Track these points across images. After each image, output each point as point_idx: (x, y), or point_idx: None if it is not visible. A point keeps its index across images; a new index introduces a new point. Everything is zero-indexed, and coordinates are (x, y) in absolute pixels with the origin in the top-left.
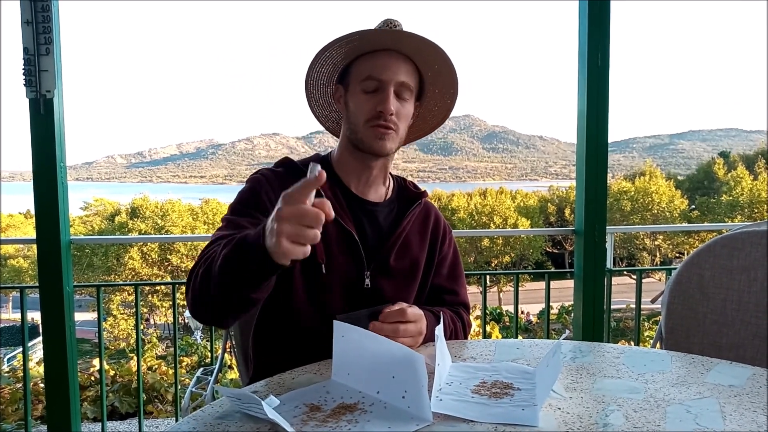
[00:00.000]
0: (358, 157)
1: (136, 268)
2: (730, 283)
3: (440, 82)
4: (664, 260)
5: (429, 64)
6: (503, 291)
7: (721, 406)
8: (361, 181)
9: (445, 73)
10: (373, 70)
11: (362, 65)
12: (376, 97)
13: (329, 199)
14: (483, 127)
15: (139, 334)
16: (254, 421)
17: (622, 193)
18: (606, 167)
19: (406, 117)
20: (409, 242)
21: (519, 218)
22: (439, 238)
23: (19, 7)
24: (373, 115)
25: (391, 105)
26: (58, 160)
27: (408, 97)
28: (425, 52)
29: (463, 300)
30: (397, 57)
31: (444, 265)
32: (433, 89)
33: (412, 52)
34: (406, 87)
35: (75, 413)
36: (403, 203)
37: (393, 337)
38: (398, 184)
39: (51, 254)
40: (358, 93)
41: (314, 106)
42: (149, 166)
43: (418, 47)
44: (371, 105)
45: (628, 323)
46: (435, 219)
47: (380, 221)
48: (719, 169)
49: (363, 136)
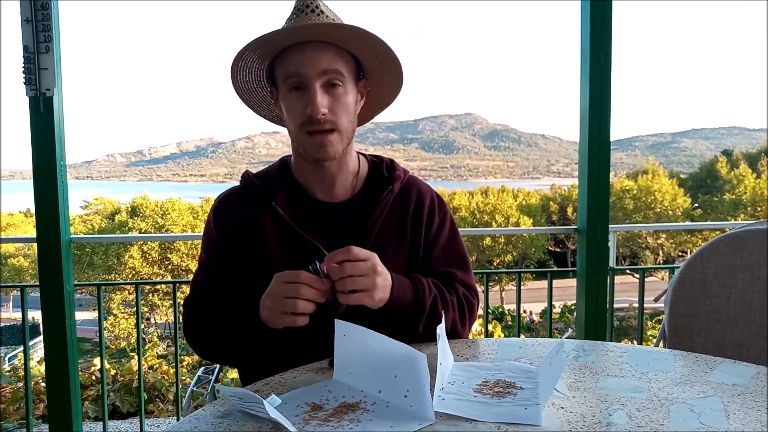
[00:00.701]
0: (309, 161)
1: (136, 267)
2: (733, 282)
3: (376, 54)
4: (666, 259)
5: (348, 43)
6: (505, 290)
7: (725, 405)
8: (322, 183)
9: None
10: (290, 66)
11: (281, 63)
12: (304, 98)
13: (289, 212)
14: (485, 125)
15: (140, 333)
16: (256, 420)
17: (625, 191)
18: (608, 165)
19: (347, 106)
20: (384, 238)
21: (521, 217)
22: (423, 221)
23: (19, 6)
24: (305, 120)
25: (319, 105)
26: (58, 158)
27: (342, 82)
28: (335, 36)
29: (463, 280)
30: (315, 45)
31: (436, 247)
32: (372, 63)
33: (323, 38)
34: (334, 72)
35: (76, 412)
36: (373, 194)
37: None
38: (372, 170)
39: (51, 253)
40: (286, 93)
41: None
42: (149, 164)
43: (325, 32)
44: (300, 108)
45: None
46: (417, 201)
47: (348, 222)
48: (722, 168)
49: (302, 144)
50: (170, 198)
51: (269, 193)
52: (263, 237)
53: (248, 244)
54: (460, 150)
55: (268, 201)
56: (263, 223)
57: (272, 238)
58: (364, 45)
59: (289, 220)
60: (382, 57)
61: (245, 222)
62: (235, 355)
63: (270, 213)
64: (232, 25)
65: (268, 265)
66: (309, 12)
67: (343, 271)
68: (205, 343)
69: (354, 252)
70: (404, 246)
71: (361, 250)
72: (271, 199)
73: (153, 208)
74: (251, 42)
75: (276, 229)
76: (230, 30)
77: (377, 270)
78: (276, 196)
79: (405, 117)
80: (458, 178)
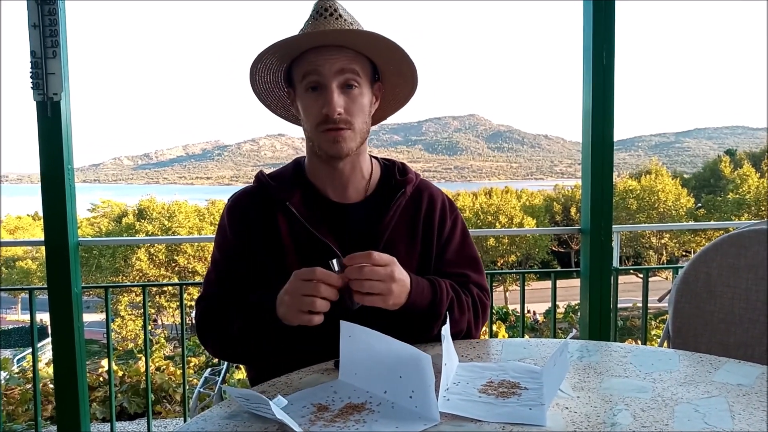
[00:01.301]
0: (324, 160)
1: (143, 269)
2: (737, 282)
3: (391, 62)
4: (670, 259)
5: (365, 47)
6: (509, 290)
7: (730, 405)
8: (335, 184)
9: (389, 49)
10: (309, 64)
11: (299, 64)
12: (321, 98)
13: (303, 212)
14: (488, 126)
15: (147, 335)
16: (262, 421)
17: (628, 191)
18: (612, 165)
19: (361, 107)
20: (396, 240)
21: (524, 217)
22: (434, 224)
23: (27, 11)
24: (321, 119)
25: (335, 105)
26: (66, 162)
27: (358, 83)
28: (353, 40)
29: (477, 281)
30: (333, 47)
31: (449, 250)
32: (387, 66)
33: (341, 43)
34: (350, 72)
35: (84, 413)
36: (386, 196)
37: (359, 280)
38: (385, 173)
39: (59, 256)
40: (303, 93)
41: (278, 111)
42: (156, 167)
43: (344, 37)
44: (317, 108)
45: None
46: (428, 204)
47: (361, 223)
48: (725, 167)
49: (318, 142)
50: (177, 200)
51: (283, 193)
52: (278, 236)
53: (262, 243)
54: (463, 151)
55: (282, 201)
56: (277, 222)
57: (286, 238)
58: (381, 49)
59: (302, 220)
60: (397, 61)
61: (259, 221)
62: (246, 354)
63: (284, 213)
64: (238, 29)
65: (282, 264)
66: (327, 16)
67: (362, 274)
68: (216, 341)
69: (374, 257)
70: (416, 248)
71: (382, 256)
72: (286, 199)
73: (160, 211)
74: (272, 45)
75: (290, 228)
76: (236, 34)
77: (395, 276)
78: (290, 196)
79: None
80: (462, 179)
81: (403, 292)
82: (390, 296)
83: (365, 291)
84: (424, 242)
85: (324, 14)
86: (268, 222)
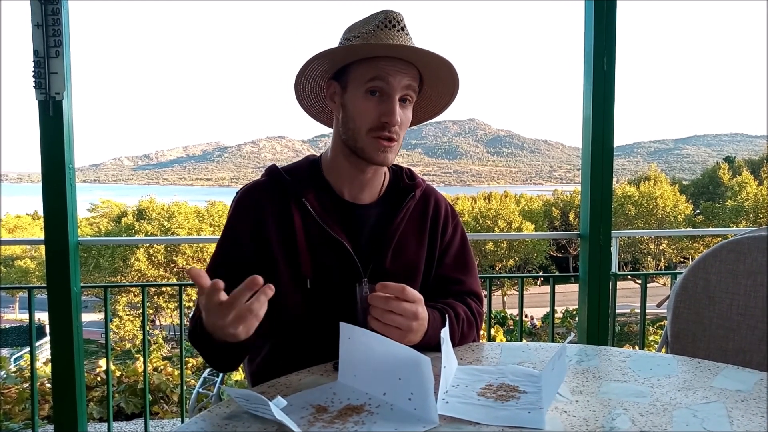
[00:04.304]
0: (353, 162)
1: (142, 270)
2: (736, 288)
3: (439, 85)
4: (668, 265)
5: (433, 71)
6: (507, 295)
7: (728, 411)
8: (355, 185)
9: (446, 81)
10: (379, 70)
11: (365, 65)
12: (382, 105)
13: (318, 210)
14: (487, 131)
15: (145, 335)
16: (261, 421)
17: (627, 197)
18: (611, 171)
19: (407, 122)
20: (406, 241)
21: (523, 222)
22: (439, 228)
23: (30, 10)
24: (377, 126)
25: (397, 116)
26: (67, 162)
27: (412, 99)
28: (426, 63)
29: (471, 288)
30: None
31: (448, 254)
32: (430, 91)
33: (415, 61)
34: (410, 89)
35: (81, 413)
36: (396, 199)
37: (384, 311)
38: (393, 177)
39: (59, 255)
40: (361, 95)
41: (301, 97)
42: (156, 168)
43: (426, 60)
44: (376, 114)
45: (632, 327)
46: (434, 208)
47: (373, 224)
48: (724, 174)
49: (364, 146)
50: (176, 201)
51: (299, 188)
52: (291, 229)
53: (275, 235)
54: (463, 156)
55: (297, 196)
56: (292, 216)
57: (300, 232)
58: (443, 77)
59: (316, 217)
60: (446, 90)
61: (273, 213)
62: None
63: (298, 207)
64: (238, 31)
65: (294, 259)
66: (399, 29)
67: (388, 305)
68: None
69: (407, 292)
70: (423, 248)
71: (414, 293)
72: (302, 195)
73: (159, 212)
74: (350, 45)
75: (303, 223)
76: (237, 35)
77: (418, 315)
78: (306, 192)
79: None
80: (461, 183)
81: (420, 330)
82: (408, 333)
83: (384, 321)
84: (429, 245)
85: (396, 26)
86: (282, 215)
